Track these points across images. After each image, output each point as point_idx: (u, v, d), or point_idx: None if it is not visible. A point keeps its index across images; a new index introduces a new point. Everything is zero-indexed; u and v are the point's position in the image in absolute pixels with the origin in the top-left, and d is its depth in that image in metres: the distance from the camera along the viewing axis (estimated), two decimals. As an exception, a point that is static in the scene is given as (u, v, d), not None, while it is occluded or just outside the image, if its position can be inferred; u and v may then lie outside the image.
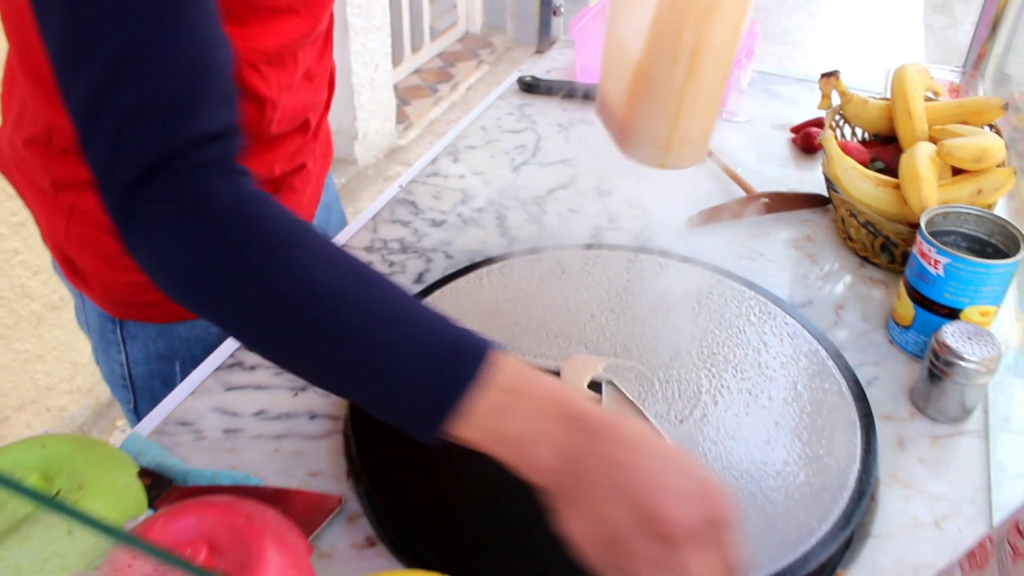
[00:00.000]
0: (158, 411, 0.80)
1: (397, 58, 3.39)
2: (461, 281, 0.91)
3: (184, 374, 0.94)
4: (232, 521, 0.54)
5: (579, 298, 0.89)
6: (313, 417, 0.79)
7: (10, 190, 0.89)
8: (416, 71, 3.66)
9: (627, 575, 0.52)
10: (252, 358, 0.85)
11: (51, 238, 0.89)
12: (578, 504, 0.53)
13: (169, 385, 0.96)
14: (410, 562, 0.66)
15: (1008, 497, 0.74)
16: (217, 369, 0.84)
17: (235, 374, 0.83)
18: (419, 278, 0.96)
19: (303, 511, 0.67)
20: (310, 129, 0.92)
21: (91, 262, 0.88)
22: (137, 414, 0.99)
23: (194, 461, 0.74)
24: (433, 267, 0.97)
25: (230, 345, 0.86)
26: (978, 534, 0.70)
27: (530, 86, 1.35)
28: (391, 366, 0.55)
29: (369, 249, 0.99)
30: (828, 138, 1.01)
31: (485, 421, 0.54)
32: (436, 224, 1.04)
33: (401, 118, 3.28)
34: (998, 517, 0.72)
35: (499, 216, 1.06)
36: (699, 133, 0.72)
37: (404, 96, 3.43)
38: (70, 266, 0.89)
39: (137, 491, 0.60)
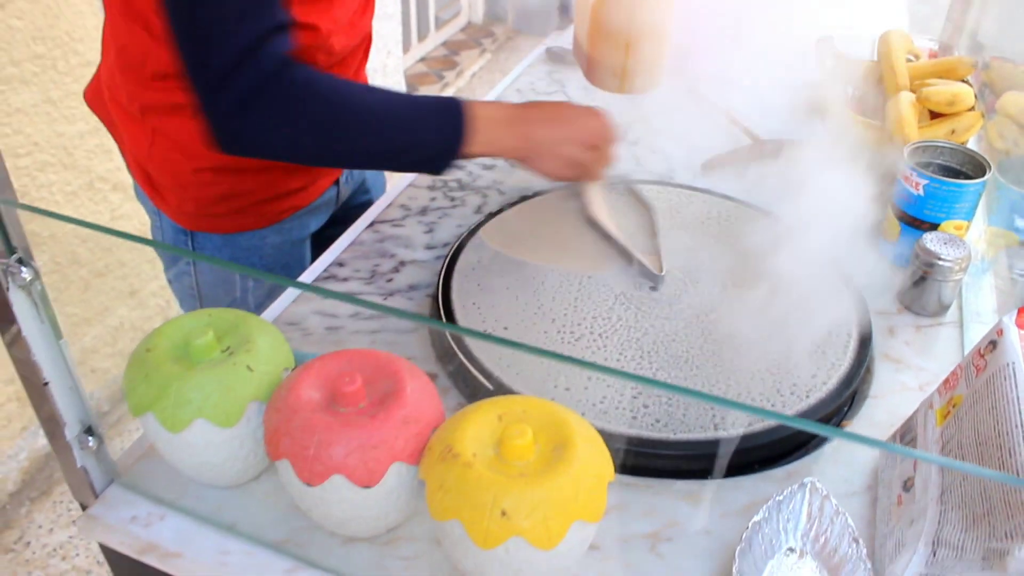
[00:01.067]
0: (267, 314, 0.95)
1: (405, 46, 3.55)
2: (512, 211, 1.06)
3: (243, 282, 1.11)
4: (374, 361, 0.69)
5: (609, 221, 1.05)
6: (402, 316, 0.94)
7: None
8: (423, 59, 3.82)
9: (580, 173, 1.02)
10: (344, 271, 1.00)
11: (135, 160, 1.06)
12: (544, 157, 0.99)
13: (229, 293, 1.13)
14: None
15: (978, 367, 0.90)
16: (314, 280, 0.99)
17: (330, 284, 0.99)
18: (478, 209, 1.11)
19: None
20: (356, 60, 1.11)
21: (168, 179, 1.04)
22: None
23: (306, 349, 0.89)
24: (489, 201, 1.13)
25: (324, 261, 1.02)
26: (953, 394, 0.86)
27: (558, 56, 1.51)
28: (415, 129, 0.92)
29: (432, 187, 1.15)
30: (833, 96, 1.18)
31: (479, 139, 0.94)
32: (488, 167, 1.20)
33: (411, 103, 3.43)
34: (970, 383, 0.88)
35: (540, 161, 1.22)
36: (650, 62, 1.02)
37: (412, 83, 3.58)
38: (150, 184, 1.05)
39: (287, 348, 0.74)
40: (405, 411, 0.64)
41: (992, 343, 0.67)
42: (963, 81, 1.21)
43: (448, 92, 3.68)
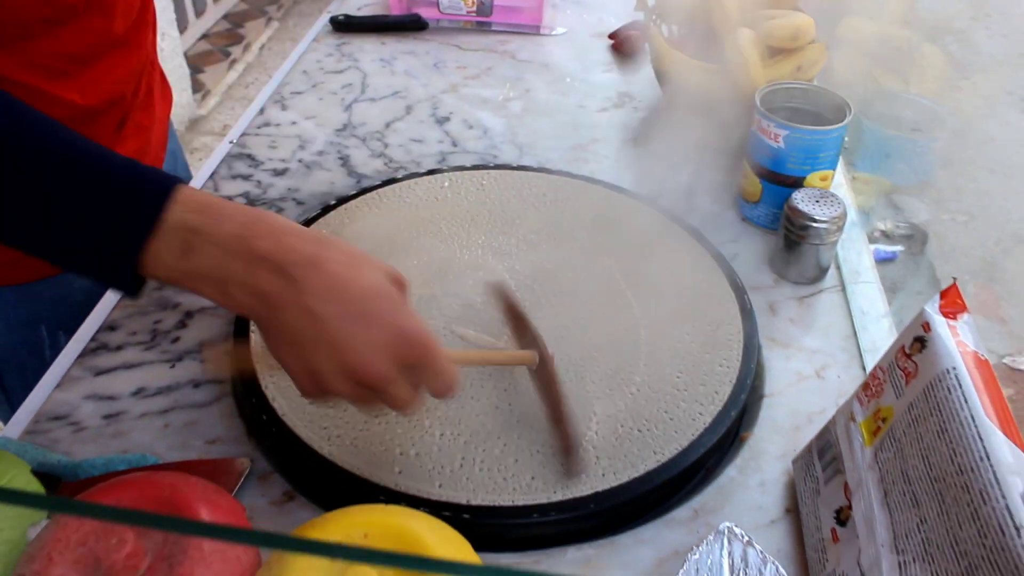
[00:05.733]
0: (23, 411, 0.74)
1: (181, 25, 3.21)
2: (319, 224, 0.88)
3: (52, 340, 0.88)
4: (155, 494, 0.51)
5: (439, 218, 0.88)
6: (197, 385, 0.75)
7: None
8: (204, 36, 3.48)
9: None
10: (117, 338, 0.79)
11: None
12: (283, 344, 0.55)
13: (37, 355, 0.89)
14: (334, 507, 0.64)
15: (873, 339, 0.79)
16: (80, 356, 0.78)
17: (101, 357, 0.78)
18: (274, 229, 0.92)
19: (212, 480, 0.64)
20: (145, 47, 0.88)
21: None
22: (4, 391, 0.92)
23: (79, 455, 0.69)
24: (286, 216, 0.93)
25: (89, 328, 0.81)
26: (854, 376, 0.76)
27: (344, 25, 1.31)
28: (73, 211, 0.53)
29: (214, 208, 0.94)
30: (655, 35, 1.04)
31: (174, 261, 0.53)
32: (278, 173, 1.00)
33: (197, 87, 3.12)
34: (868, 358, 0.78)
35: (341, 156, 1.03)
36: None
37: (196, 64, 3.26)
38: None
39: (36, 490, 0.55)
40: (202, 571, 0.46)
41: (919, 340, 0.55)
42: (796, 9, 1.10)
43: (237, 69, 3.37)
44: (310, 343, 0.54)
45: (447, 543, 0.49)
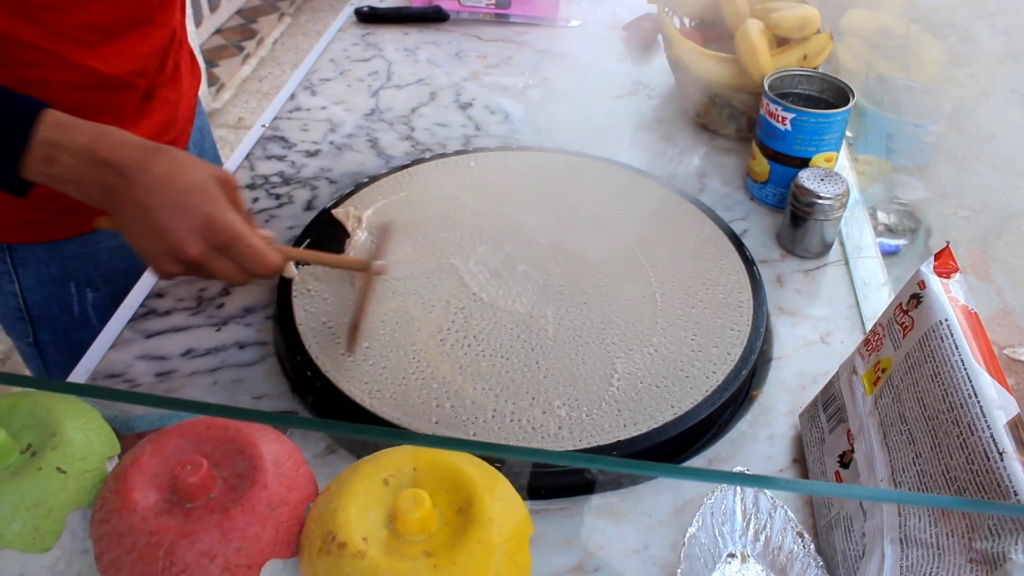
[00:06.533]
0: (80, 369, 0.79)
1: (196, 19, 3.27)
2: (353, 200, 0.93)
3: (80, 296, 0.93)
4: (220, 434, 0.55)
5: (466, 195, 0.94)
6: (242, 346, 0.80)
7: None
8: (218, 31, 3.54)
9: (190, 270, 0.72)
10: (165, 303, 0.85)
11: None
12: (126, 229, 0.71)
13: (67, 310, 0.95)
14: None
15: (875, 308, 0.85)
16: (131, 320, 0.84)
17: (151, 322, 0.83)
18: (308, 205, 0.97)
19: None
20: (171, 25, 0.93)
21: None
22: (38, 346, 0.98)
23: (134, 412, 0.74)
24: (320, 193, 0.99)
25: (138, 294, 0.86)
26: (856, 340, 0.81)
27: (368, 16, 1.36)
28: None
29: (252, 186, 1.00)
30: (669, 25, 1.09)
31: (40, 167, 0.68)
32: (311, 154, 1.06)
33: (212, 80, 3.18)
34: (870, 325, 0.83)
35: (371, 139, 1.09)
36: None
37: (211, 58, 3.31)
38: None
39: (109, 433, 0.60)
40: (268, 493, 0.52)
41: (915, 297, 0.60)
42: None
43: (251, 63, 3.43)
44: (142, 229, 0.69)
45: (486, 476, 0.54)
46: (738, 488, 0.66)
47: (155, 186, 0.68)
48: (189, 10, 2.96)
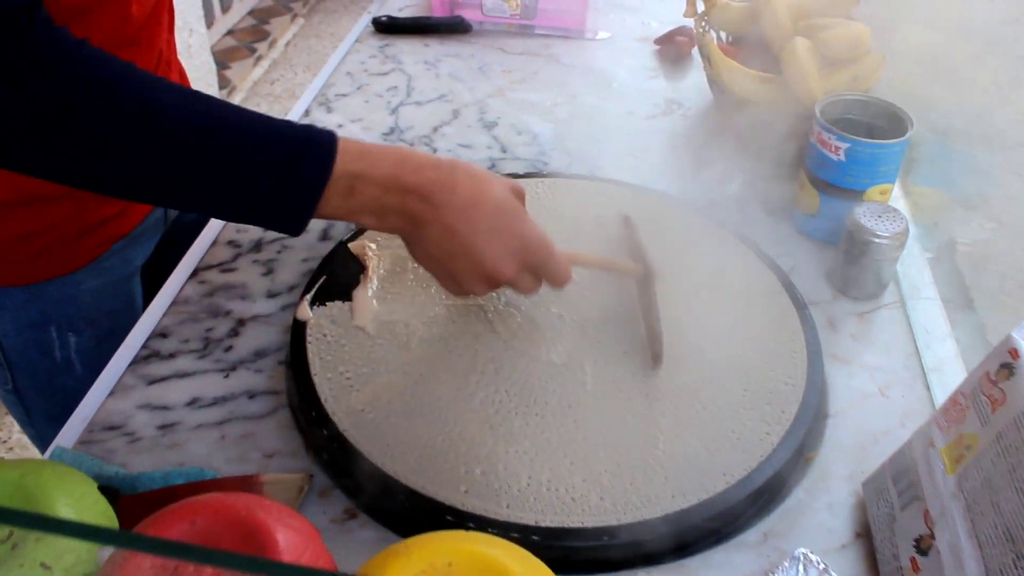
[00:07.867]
0: (77, 418, 0.73)
1: (208, 20, 3.21)
2: (372, 232, 0.87)
3: (62, 340, 0.88)
4: (230, 517, 0.50)
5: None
6: (252, 396, 0.74)
7: None
8: (230, 32, 3.48)
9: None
10: (169, 344, 0.79)
11: None
12: (429, 256, 0.67)
13: (48, 355, 0.90)
14: (398, 527, 0.63)
15: (938, 358, 0.78)
16: (132, 364, 0.77)
17: (153, 365, 0.77)
18: (324, 235, 0.91)
19: (273, 496, 0.64)
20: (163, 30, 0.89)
21: None
22: (18, 393, 0.92)
23: (135, 466, 0.68)
24: (336, 223, 0.93)
25: (139, 335, 0.80)
26: (919, 396, 0.74)
27: (386, 26, 1.30)
28: (248, 166, 0.60)
29: (264, 213, 0.94)
30: (709, 43, 1.02)
31: (340, 202, 0.63)
32: (328, 178, 0.99)
33: (223, 83, 3.12)
34: (932, 378, 0.76)
35: (390, 162, 1.02)
36: None
37: (222, 60, 3.26)
38: None
39: (104, 509, 0.54)
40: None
41: (1006, 367, 0.54)
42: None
43: (262, 65, 3.37)
44: (452, 254, 0.66)
45: (531, 570, 0.48)
46: (800, 568, 0.59)
47: (464, 209, 0.65)
48: (200, 12, 2.90)
